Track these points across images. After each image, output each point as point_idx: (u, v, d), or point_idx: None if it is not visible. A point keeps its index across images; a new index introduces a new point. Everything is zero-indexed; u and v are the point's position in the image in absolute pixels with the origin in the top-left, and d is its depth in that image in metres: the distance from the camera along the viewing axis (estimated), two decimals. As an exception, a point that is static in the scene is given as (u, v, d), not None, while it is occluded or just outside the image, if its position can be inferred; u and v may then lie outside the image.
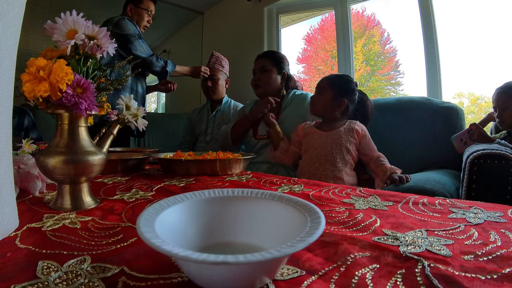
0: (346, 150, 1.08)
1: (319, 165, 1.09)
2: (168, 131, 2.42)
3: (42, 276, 0.24)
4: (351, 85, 1.17)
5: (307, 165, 1.13)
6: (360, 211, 0.44)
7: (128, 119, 0.61)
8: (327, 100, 1.15)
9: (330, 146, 1.09)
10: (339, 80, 1.19)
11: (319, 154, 1.10)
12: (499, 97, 1.18)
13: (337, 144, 1.08)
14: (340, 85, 1.16)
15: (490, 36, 2.15)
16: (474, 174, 0.88)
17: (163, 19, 3.08)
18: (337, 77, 1.21)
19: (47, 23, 0.45)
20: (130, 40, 1.57)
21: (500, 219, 0.39)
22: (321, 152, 1.10)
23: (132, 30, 1.60)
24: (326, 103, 1.15)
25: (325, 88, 1.16)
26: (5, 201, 0.33)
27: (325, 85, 1.17)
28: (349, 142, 1.09)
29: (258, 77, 1.44)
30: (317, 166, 1.09)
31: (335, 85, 1.16)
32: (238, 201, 0.32)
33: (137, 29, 1.65)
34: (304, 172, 1.13)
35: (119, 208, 0.47)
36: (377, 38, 3.25)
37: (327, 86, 1.16)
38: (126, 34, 1.57)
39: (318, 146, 1.11)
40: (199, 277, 0.22)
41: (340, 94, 1.15)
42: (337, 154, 1.08)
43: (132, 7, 1.73)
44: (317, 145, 1.12)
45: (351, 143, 1.09)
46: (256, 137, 1.39)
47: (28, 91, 0.40)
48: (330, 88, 1.16)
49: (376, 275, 0.25)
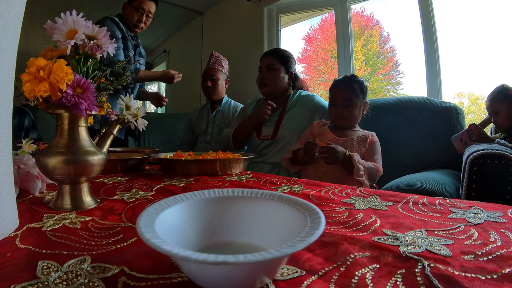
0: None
1: (326, 169, 1.08)
2: (168, 131, 2.42)
3: (42, 276, 0.24)
4: (365, 86, 1.15)
5: (314, 167, 1.11)
6: (360, 211, 0.44)
7: (128, 119, 0.61)
8: (356, 110, 1.12)
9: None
10: (358, 85, 1.13)
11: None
12: (491, 104, 1.21)
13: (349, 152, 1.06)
14: (361, 90, 1.13)
15: (490, 36, 2.15)
16: (474, 174, 0.88)
17: (163, 19, 3.09)
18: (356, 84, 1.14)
19: (47, 23, 0.46)
20: None
21: (500, 219, 0.39)
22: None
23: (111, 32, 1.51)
24: (357, 114, 1.12)
25: (351, 99, 1.11)
26: (5, 201, 0.33)
27: (350, 95, 1.11)
28: (360, 152, 1.08)
29: (264, 75, 1.39)
30: (324, 171, 1.08)
31: (358, 92, 1.12)
32: (238, 201, 0.32)
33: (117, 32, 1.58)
34: (309, 174, 1.12)
35: (119, 208, 0.47)
36: (376, 38, 3.26)
37: (353, 96, 1.11)
38: None
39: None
40: (199, 277, 0.22)
41: (363, 98, 1.13)
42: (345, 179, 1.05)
43: (126, 4, 1.68)
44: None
45: (362, 153, 1.08)
46: (260, 138, 1.38)
47: (28, 91, 0.40)
48: (355, 97, 1.12)
49: (376, 275, 0.25)
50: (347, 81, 1.16)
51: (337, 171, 1.07)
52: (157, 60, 4.07)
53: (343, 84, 1.16)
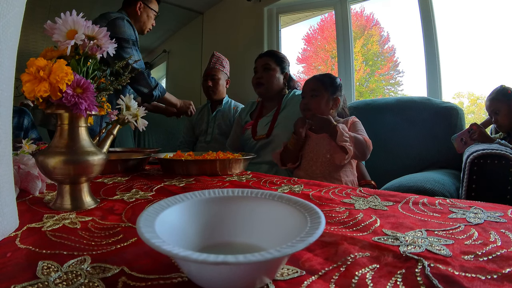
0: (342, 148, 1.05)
1: (316, 168, 1.08)
2: (168, 131, 2.42)
3: (42, 276, 0.24)
4: (338, 81, 1.17)
5: (303, 170, 1.11)
6: (360, 211, 0.44)
7: (128, 119, 0.61)
8: (323, 102, 1.13)
9: (328, 147, 1.06)
10: (328, 79, 1.16)
11: (315, 157, 1.09)
12: (491, 104, 1.23)
13: (332, 145, 1.05)
14: (331, 84, 1.15)
15: (490, 36, 2.15)
16: (474, 174, 0.88)
17: (163, 19, 3.08)
18: (324, 77, 1.17)
19: (47, 23, 0.45)
20: (123, 46, 1.39)
21: (500, 219, 0.39)
22: (318, 154, 1.08)
23: (128, 34, 1.41)
24: (322, 105, 1.13)
25: (318, 89, 1.13)
26: (5, 201, 0.33)
27: (317, 86, 1.14)
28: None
29: (260, 75, 1.41)
30: (313, 170, 1.08)
31: (328, 85, 1.14)
32: (238, 201, 0.32)
33: (134, 34, 1.47)
34: (301, 176, 1.11)
35: (119, 208, 0.47)
36: (376, 38, 3.25)
37: (321, 87, 1.13)
38: (122, 38, 1.38)
39: (314, 149, 1.10)
40: (199, 277, 0.22)
41: (333, 92, 1.14)
42: (334, 154, 1.05)
43: (142, 5, 1.55)
44: (311, 148, 1.10)
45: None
46: (255, 138, 1.39)
47: (28, 91, 0.40)
48: (324, 89, 1.13)
49: (376, 275, 0.25)
50: (318, 76, 1.19)
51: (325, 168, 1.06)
52: (157, 60, 4.07)
53: (313, 78, 1.19)
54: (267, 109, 1.46)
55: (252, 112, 1.54)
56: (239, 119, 1.57)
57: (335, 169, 1.06)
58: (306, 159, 1.11)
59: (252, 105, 1.56)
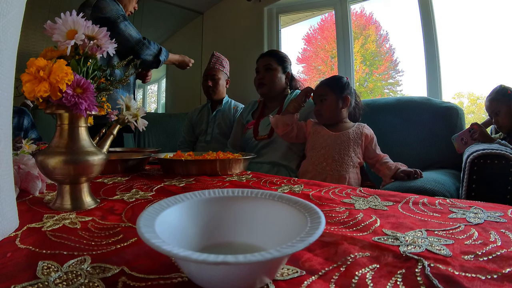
0: (354, 152, 1.10)
1: (326, 165, 1.10)
2: (168, 131, 2.42)
3: (42, 276, 0.24)
4: (344, 80, 1.20)
5: (313, 164, 1.13)
6: (360, 211, 0.44)
7: (128, 119, 0.61)
8: (332, 104, 1.16)
9: (339, 147, 1.10)
10: (333, 80, 1.20)
11: (326, 153, 1.11)
12: (490, 104, 1.22)
13: (346, 146, 1.10)
14: (337, 85, 1.18)
15: (490, 36, 2.15)
16: (474, 174, 0.88)
17: (163, 19, 3.08)
18: (330, 79, 1.22)
19: (47, 23, 0.45)
20: (115, 23, 1.31)
21: (500, 219, 0.39)
22: (329, 152, 1.11)
23: (115, 11, 1.34)
24: (332, 108, 1.16)
25: (325, 94, 1.17)
26: (5, 201, 0.33)
27: (324, 91, 1.17)
28: (357, 145, 1.11)
29: (262, 76, 1.41)
30: (324, 166, 1.11)
31: (333, 86, 1.17)
32: (238, 201, 0.32)
33: (120, 8, 1.39)
34: (309, 170, 1.13)
35: (119, 208, 0.47)
36: (373, 38, 3.25)
37: (327, 91, 1.17)
38: (109, 17, 1.30)
39: (327, 145, 1.12)
40: (199, 277, 0.22)
41: (341, 92, 1.16)
42: (345, 155, 1.10)
43: None
44: (325, 144, 1.13)
45: (359, 145, 1.12)
46: (257, 138, 1.39)
47: (28, 91, 0.40)
48: (330, 91, 1.16)
49: (376, 275, 0.25)
50: (324, 80, 1.23)
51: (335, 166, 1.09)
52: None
53: (319, 83, 1.23)
54: (269, 109, 1.46)
55: (254, 111, 1.54)
56: (240, 118, 1.57)
57: (344, 168, 1.09)
58: (316, 154, 1.14)
59: (254, 104, 1.57)
